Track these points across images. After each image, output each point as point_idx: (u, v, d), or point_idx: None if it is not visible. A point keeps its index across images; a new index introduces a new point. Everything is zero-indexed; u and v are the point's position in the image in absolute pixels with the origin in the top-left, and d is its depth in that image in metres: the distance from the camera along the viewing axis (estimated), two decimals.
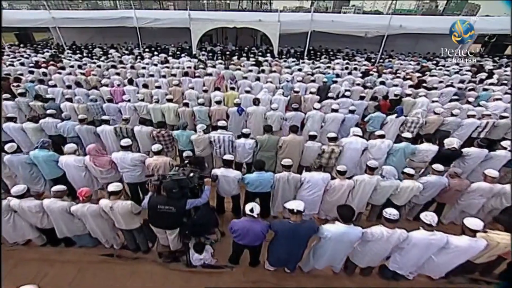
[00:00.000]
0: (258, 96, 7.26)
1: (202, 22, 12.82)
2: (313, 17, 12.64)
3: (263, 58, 12.28)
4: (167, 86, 8.51)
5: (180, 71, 9.53)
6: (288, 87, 8.53)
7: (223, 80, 8.55)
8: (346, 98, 7.40)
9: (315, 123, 6.33)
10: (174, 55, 12.46)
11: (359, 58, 13.84)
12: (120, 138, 5.34)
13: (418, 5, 56.38)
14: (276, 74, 9.50)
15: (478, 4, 48.88)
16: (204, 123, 6.36)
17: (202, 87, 8.39)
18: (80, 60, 11.68)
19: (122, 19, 12.96)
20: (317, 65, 11.24)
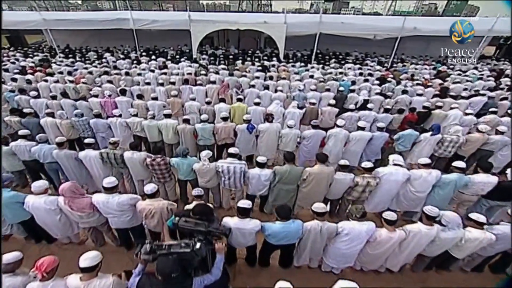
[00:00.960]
0: (270, 108, 6.29)
1: (203, 24, 11.82)
2: (321, 18, 11.65)
3: (269, 63, 11.29)
4: (165, 95, 7.53)
5: (180, 78, 8.53)
6: (300, 96, 7.56)
7: (228, 88, 7.56)
8: (368, 110, 6.42)
9: (338, 143, 5.36)
10: (173, 59, 11.46)
11: (370, 62, 12.86)
12: (108, 165, 4.37)
13: (417, 7, 55.68)
14: (285, 81, 8.52)
15: (478, 6, 48.21)
16: (208, 142, 5.39)
17: (204, 98, 7.42)
18: (72, 65, 10.66)
19: (118, 20, 11.94)
20: (328, 71, 10.25)
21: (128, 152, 4.27)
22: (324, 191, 4.12)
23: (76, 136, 5.81)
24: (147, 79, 8.37)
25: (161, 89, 7.61)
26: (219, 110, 6.29)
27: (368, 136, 5.29)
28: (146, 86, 7.65)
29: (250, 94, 7.50)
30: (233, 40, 15.96)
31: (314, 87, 7.66)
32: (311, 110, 6.39)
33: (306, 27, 11.94)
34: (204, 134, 5.32)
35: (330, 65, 11.65)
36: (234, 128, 5.35)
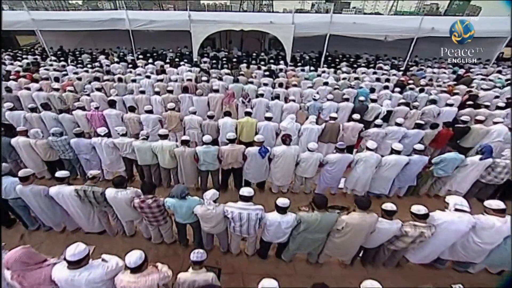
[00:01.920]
0: (283, 124, 5.33)
1: (204, 24, 10.84)
2: (332, 18, 10.66)
3: (276, 66, 10.32)
4: (162, 105, 6.59)
5: (179, 85, 7.56)
6: (315, 107, 6.60)
7: (233, 98, 6.58)
8: (397, 126, 5.46)
9: (368, 169, 4.41)
10: (172, 63, 10.46)
11: (383, 65, 11.88)
12: (87, 204, 3.43)
13: (419, 7, 54.66)
14: (297, 89, 7.54)
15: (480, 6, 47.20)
16: (211, 168, 4.45)
17: (206, 109, 6.50)
18: (62, 69, 9.69)
19: (112, 21, 10.95)
20: (341, 76, 9.27)
21: (111, 190, 3.31)
22: (361, 241, 3.16)
23: (56, 158, 4.85)
24: (142, 86, 7.41)
25: (157, 99, 6.65)
26: (223, 126, 5.34)
27: (405, 161, 4.34)
28: (140, 95, 6.68)
29: (259, 104, 6.54)
30: (235, 41, 14.97)
31: (331, 96, 6.67)
32: (331, 127, 5.42)
33: (316, 28, 10.96)
34: (206, 158, 4.37)
35: (341, 68, 10.67)
36: (243, 151, 4.38)
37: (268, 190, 5.12)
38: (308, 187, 5.00)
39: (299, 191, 5.05)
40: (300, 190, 5.05)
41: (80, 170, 5.07)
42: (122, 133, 4.53)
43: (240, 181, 4.91)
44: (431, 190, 5.04)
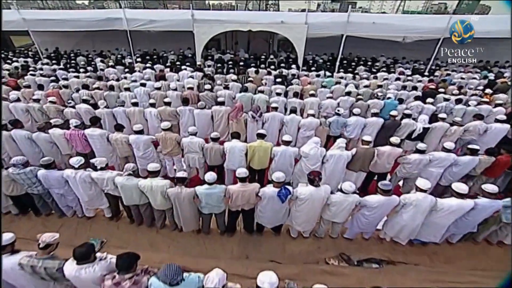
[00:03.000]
0: (305, 149, 4.27)
1: (208, 24, 9.75)
2: (349, 18, 9.50)
3: (288, 71, 9.21)
4: (158, 120, 5.56)
5: (178, 95, 6.51)
6: (339, 123, 5.50)
7: (241, 112, 5.50)
8: (446, 151, 4.34)
9: (419, 215, 3.32)
10: (173, 66, 9.42)
11: (404, 69, 10.70)
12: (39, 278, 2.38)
13: (426, 7, 53.03)
14: (315, 99, 6.43)
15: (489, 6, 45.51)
16: (215, 210, 3.40)
17: (209, 126, 5.45)
18: (51, 73, 8.71)
19: (109, 20, 9.92)
20: (363, 83, 8.14)
21: (71, 265, 2.26)
22: None
23: (22, 192, 3.83)
24: (136, 96, 6.39)
25: (152, 112, 5.60)
26: (231, 151, 4.28)
27: (469, 207, 3.25)
28: (132, 108, 5.64)
29: (272, 120, 5.46)
30: (242, 43, 13.85)
31: (358, 110, 5.55)
32: (364, 153, 4.32)
33: (331, 28, 9.81)
34: (210, 201, 3.32)
35: (358, 73, 9.52)
36: (257, 192, 3.31)
37: (285, 233, 4.06)
38: (336, 231, 3.92)
39: (324, 235, 3.98)
40: (325, 234, 3.98)
41: (54, 205, 4.04)
42: (101, 166, 3.47)
43: (251, 225, 3.85)
44: (494, 236, 3.92)
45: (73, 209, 4.12)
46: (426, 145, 4.39)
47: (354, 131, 5.61)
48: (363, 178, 4.72)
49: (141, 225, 4.07)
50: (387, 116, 6.29)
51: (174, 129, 5.89)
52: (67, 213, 4.13)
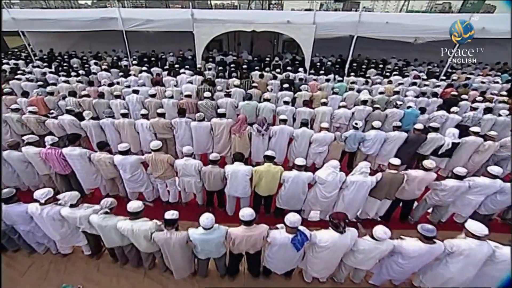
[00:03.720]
0: (322, 175, 3.55)
1: (209, 24, 9.04)
2: (361, 17, 8.75)
3: (294, 74, 8.47)
4: (151, 133, 4.88)
5: (175, 104, 5.81)
6: (356, 138, 4.79)
7: (245, 124, 4.78)
8: (491, 178, 3.61)
9: (470, 268, 2.61)
10: (171, 69, 8.73)
11: (417, 72, 9.94)
12: None
13: (431, 6, 51.95)
14: (327, 109, 5.71)
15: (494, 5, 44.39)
16: (214, 255, 2.74)
17: (208, 142, 4.77)
18: (41, 77, 8.05)
19: (103, 20, 9.23)
20: (378, 89, 7.41)
21: None
22: None
23: None
24: (128, 104, 5.71)
25: (144, 125, 4.92)
26: (233, 176, 3.59)
27: None
28: (121, 120, 4.95)
29: (280, 134, 4.75)
30: (245, 43, 13.11)
31: (378, 123, 4.82)
32: (392, 179, 3.59)
33: (341, 29, 9.06)
34: (207, 247, 2.62)
35: (369, 77, 8.77)
36: (265, 235, 2.61)
37: (297, 275, 3.36)
38: (360, 277, 3.21)
39: (344, 280, 3.27)
40: (346, 279, 3.28)
41: (21, 241, 3.37)
42: (72, 202, 2.78)
43: (258, 268, 3.16)
44: None
45: (45, 245, 3.44)
46: (465, 170, 3.64)
47: (373, 146, 4.89)
48: (387, 206, 4.00)
49: (126, 264, 3.39)
50: (406, 128, 5.60)
51: (169, 143, 5.26)
52: (38, 249, 3.45)
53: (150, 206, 4.36)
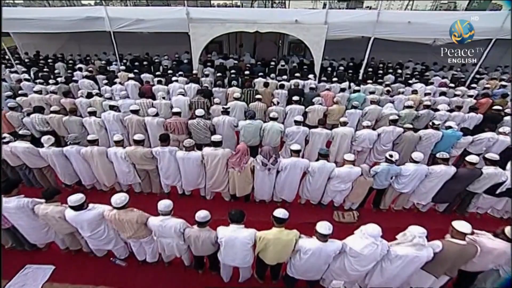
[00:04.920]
0: (354, 246, 2.41)
1: (207, 24, 7.90)
2: (379, 17, 7.55)
3: (304, 81, 7.32)
4: (128, 164, 3.81)
5: (160, 124, 4.70)
6: (389, 174, 3.66)
7: (246, 156, 3.66)
8: None
9: None
10: (164, 75, 7.60)
11: (440, 77, 8.76)
12: None
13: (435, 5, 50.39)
14: (348, 130, 4.57)
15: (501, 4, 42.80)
16: None
17: (199, 177, 3.68)
18: (15, 85, 6.98)
19: (88, 20, 8.12)
20: (398, 99, 6.28)
21: None
22: None
23: None
24: (101, 125, 4.62)
25: (118, 154, 3.83)
26: (228, 246, 2.50)
27: None
28: (89, 148, 3.84)
29: (292, 169, 3.64)
30: (247, 45, 11.92)
31: (419, 156, 3.66)
32: (459, 253, 2.46)
33: (356, 29, 7.86)
34: None
35: (389, 85, 7.58)
36: None
37: None
38: None
39: None
40: None
41: None
42: None
43: None
44: None
45: None
46: None
47: (410, 184, 3.76)
48: (443, 282, 2.86)
49: None
50: (446, 155, 4.45)
51: (151, 175, 4.18)
52: None
53: (122, 266, 3.29)
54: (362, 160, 4.99)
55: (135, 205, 2.86)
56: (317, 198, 4.10)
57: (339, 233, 3.09)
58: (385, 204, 4.17)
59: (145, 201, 4.34)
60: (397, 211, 4.26)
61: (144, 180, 4.27)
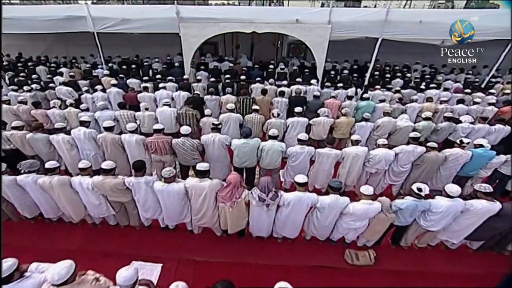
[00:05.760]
0: None
1: (199, 24, 7.16)
2: (388, 15, 6.82)
3: (306, 87, 6.59)
4: (94, 196, 3.08)
5: (140, 142, 3.95)
6: (416, 210, 2.95)
7: (239, 189, 2.93)
8: None
9: None
10: (153, 79, 6.86)
11: (452, 82, 8.06)
12: None
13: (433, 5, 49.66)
14: (361, 151, 3.84)
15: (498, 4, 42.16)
16: None
17: (183, 212, 3.04)
18: None
19: (70, 20, 7.36)
20: (412, 108, 5.57)
21: None
22: None
23: None
24: (71, 143, 3.90)
25: (84, 185, 3.11)
26: None
27: None
28: (47, 179, 3.09)
29: (296, 205, 2.90)
30: (244, 46, 11.15)
31: (455, 190, 2.92)
32: None
33: (362, 29, 7.14)
34: None
35: (400, 90, 6.83)
36: None
37: None
38: None
39: None
40: None
41: None
42: None
43: None
44: None
45: None
46: None
47: (441, 221, 3.04)
48: None
49: None
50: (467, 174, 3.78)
51: (128, 207, 3.46)
52: None
53: None
54: (375, 182, 4.28)
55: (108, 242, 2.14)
56: (325, 234, 3.38)
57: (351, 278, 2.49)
58: (407, 241, 3.45)
59: (122, 236, 3.65)
60: (421, 249, 3.54)
61: (119, 212, 3.54)
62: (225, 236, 3.60)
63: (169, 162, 4.10)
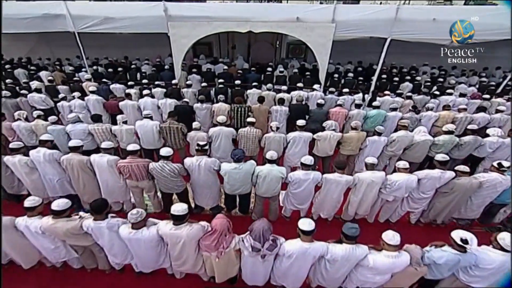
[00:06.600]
0: None
1: (190, 23, 6.47)
2: (398, 13, 6.14)
3: (308, 93, 5.91)
4: (49, 240, 2.44)
5: (113, 165, 3.27)
6: (457, 265, 2.27)
7: (228, 236, 2.27)
8: None
9: None
10: (139, 84, 6.17)
11: (465, 85, 7.39)
12: None
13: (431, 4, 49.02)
14: (377, 175, 3.16)
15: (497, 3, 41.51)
16: None
17: (160, 259, 2.40)
18: None
19: (47, 18, 6.67)
20: (427, 117, 4.92)
21: None
22: None
23: None
24: (29, 165, 3.24)
25: (32, 228, 2.43)
26: None
27: None
28: None
29: (300, 258, 2.24)
30: (241, 46, 10.43)
31: (507, 240, 2.26)
32: None
33: (369, 29, 6.45)
34: None
35: (411, 97, 6.14)
36: None
37: None
38: None
39: None
40: None
41: None
42: None
43: None
44: None
45: None
46: None
47: (489, 279, 2.36)
48: None
49: None
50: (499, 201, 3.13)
51: (94, 250, 2.79)
52: None
53: None
54: (390, 210, 3.64)
55: None
56: (335, 286, 2.71)
57: None
58: None
59: (89, 282, 2.98)
60: None
61: (83, 254, 2.87)
62: (212, 281, 2.94)
63: (148, 188, 3.44)
